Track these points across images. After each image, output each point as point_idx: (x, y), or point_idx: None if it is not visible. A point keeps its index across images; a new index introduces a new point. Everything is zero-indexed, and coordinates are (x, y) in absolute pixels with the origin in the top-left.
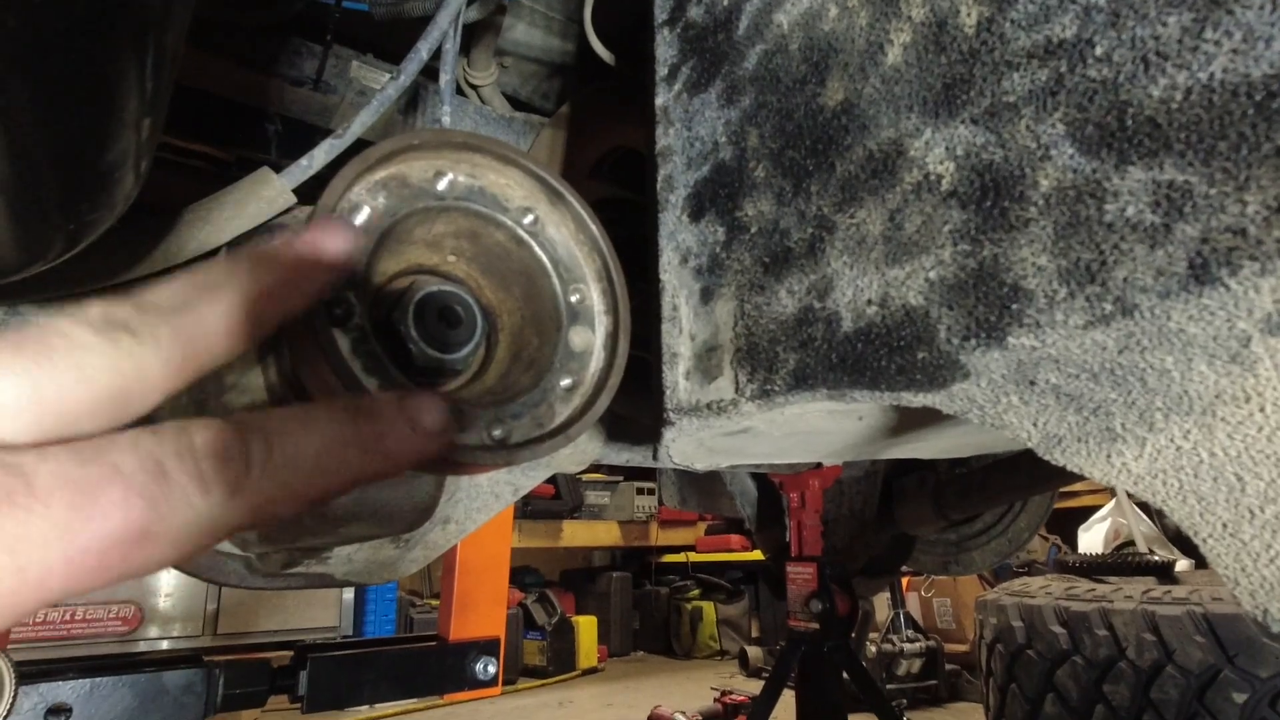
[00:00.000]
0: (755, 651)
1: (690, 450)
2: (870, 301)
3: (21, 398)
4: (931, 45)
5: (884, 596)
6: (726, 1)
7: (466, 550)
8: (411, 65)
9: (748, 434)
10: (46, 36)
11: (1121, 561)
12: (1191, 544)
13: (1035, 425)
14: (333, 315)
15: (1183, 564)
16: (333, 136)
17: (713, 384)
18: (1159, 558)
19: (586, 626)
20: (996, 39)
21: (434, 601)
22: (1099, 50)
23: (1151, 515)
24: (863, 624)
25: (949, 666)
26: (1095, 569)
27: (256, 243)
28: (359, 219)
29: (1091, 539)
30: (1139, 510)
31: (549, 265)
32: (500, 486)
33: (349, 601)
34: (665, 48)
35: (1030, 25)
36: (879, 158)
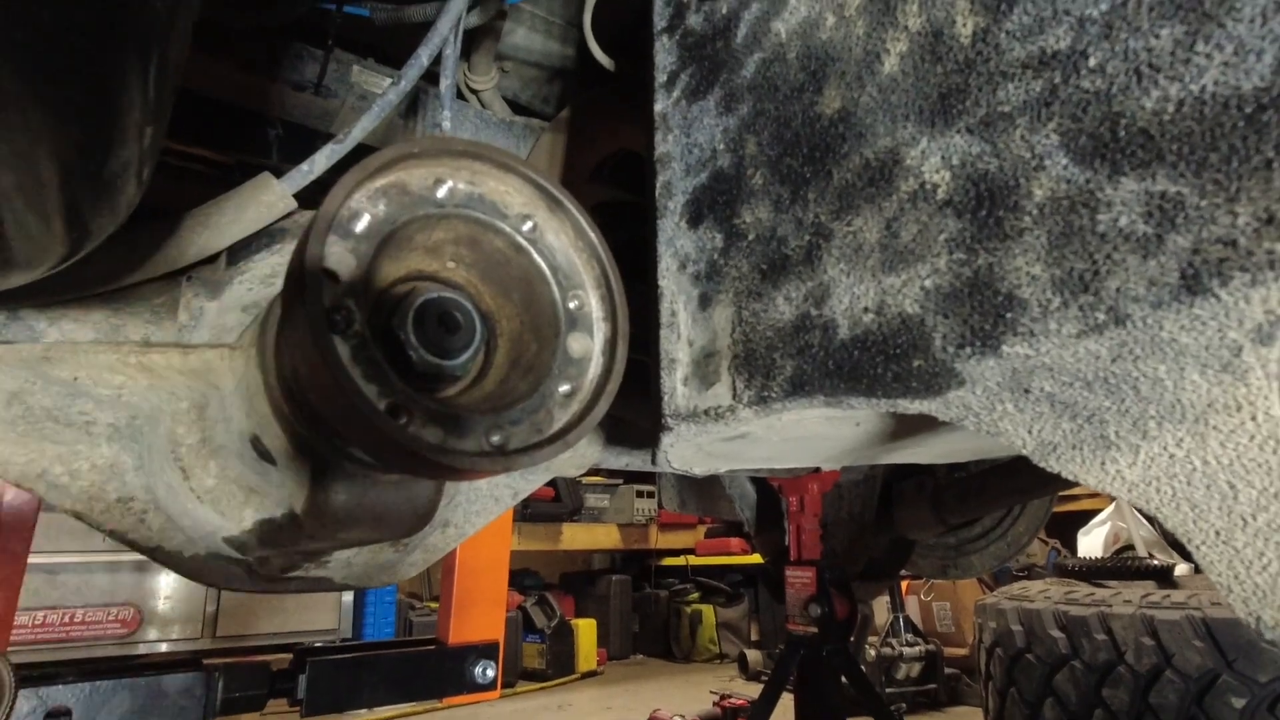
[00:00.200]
0: (754, 655)
1: (689, 455)
2: (867, 309)
3: None
4: (928, 55)
5: (883, 600)
6: (725, 9)
7: (466, 553)
8: (412, 71)
9: (745, 439)
10: (53, 48)
11: (1121, 566)
12: None
13: (1030, 432)
14: (333, 323)
15: (1182, 568)
16: (333, 142)
17: (710, 390)
18: (1158, 562)
19: (586, 629)
20: (992, 49)
21: (433, 604)
22: (1092, 61)
23: (1151, 519)
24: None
25: (948, 670)
26: (1094, 573)
27: None
28: (359, 226)
29: (1091, 543)
30: (1138, 514)
31: (548, 272)
32: (500, 490)
33: (348, 604)
34: (664, 55)
35: (1025, 36)
36: (875, 166)
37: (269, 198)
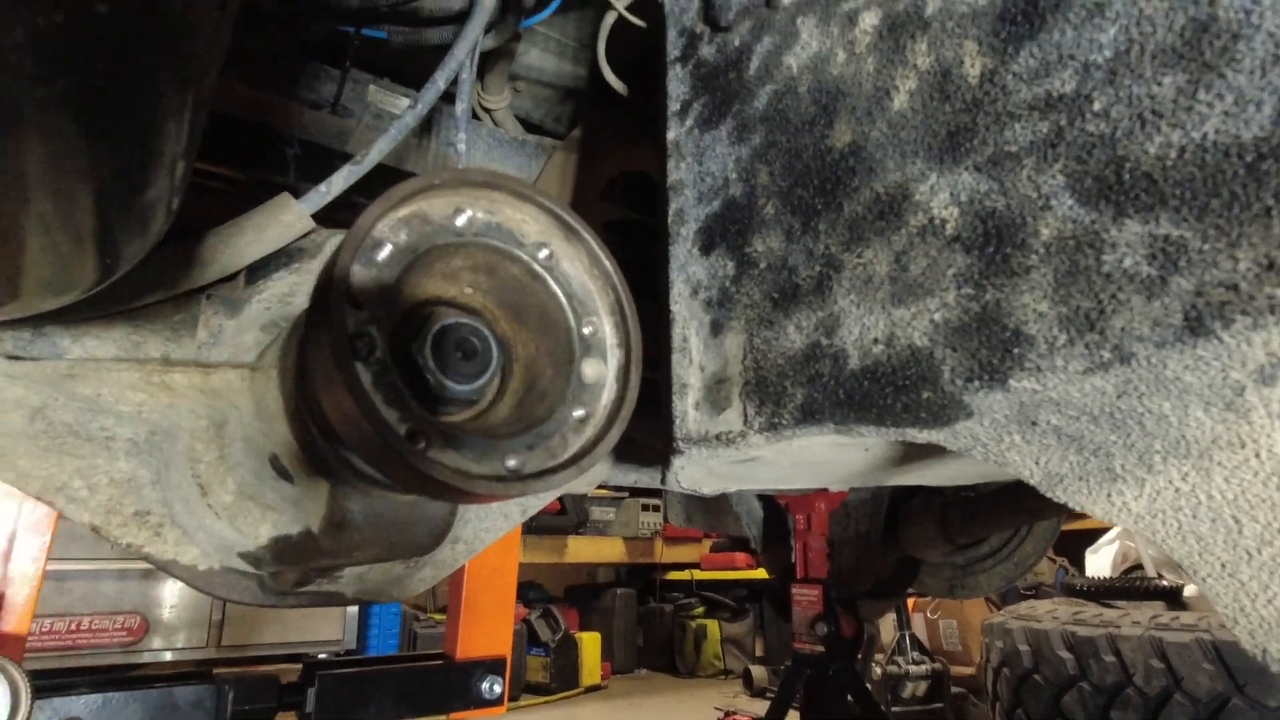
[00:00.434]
0: (759, 671)
1: (698, 476)
2: (876, 340)
3: None
4: (936, 93)
5: (890, 618)
6: (738, 42)
7: (473, 567)
8: (429, 95)
9: (755, 462)
10: (107, 95)
11: (1129, 586)
12: None
13: (1037, 463)
14: (355, 349)
15: (1191, 589)
16: (351, 163)
17: (721, 415)
18: (1167, 582)
19: (590, 643)
20: (999, 90)
21: (438, 616)
22: (1097, 106)
23: None
24: (868, 646)
25: (955, 690)
26: (1103, 593)
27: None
28: (382, 255)
29: (1099, 562)
30: None
31: (563, 298)
32: (509, 507)
33: (353, 615)
34: (677, 84)
35: (1032, 79)
36: (885, 200)
37: (288, 218)
